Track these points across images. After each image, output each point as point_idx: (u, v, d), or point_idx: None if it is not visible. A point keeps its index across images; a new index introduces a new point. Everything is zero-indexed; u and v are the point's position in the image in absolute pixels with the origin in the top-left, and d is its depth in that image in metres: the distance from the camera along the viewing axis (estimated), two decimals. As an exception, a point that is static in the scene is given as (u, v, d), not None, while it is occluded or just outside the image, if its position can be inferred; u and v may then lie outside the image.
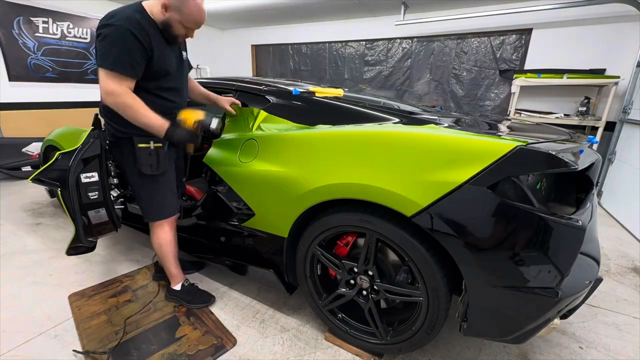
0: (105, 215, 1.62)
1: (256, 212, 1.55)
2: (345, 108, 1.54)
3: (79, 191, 1.52)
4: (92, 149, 1.54)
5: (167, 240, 1.68)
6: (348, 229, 1.33)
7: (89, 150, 1.53)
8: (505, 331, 1.12)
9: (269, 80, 2.01)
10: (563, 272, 0.99)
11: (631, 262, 2.37)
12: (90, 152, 1.53)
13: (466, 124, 1.59)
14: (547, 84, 3.79)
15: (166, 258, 1.71)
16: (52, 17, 4.14)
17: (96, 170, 1.55)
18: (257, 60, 6.66)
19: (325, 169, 1.30)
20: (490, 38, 4.45)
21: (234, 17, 5.57)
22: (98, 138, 1.55)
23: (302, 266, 1.51)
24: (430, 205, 1.06)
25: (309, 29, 5.74)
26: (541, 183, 1.22)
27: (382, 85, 5.39)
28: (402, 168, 1.13)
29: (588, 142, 1.39)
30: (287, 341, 1.55)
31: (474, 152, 1.04)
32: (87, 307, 1.74)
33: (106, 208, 1.61)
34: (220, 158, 1.67)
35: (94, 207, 1.58)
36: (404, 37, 4.99)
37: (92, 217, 1.59)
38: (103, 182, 1.58)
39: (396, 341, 1.34)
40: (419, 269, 1.18)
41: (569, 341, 1.59)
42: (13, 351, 1.46)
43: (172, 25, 1.38)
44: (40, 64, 4.15)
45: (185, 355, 1.44)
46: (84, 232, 1.58)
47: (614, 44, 3.70)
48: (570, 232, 0.99)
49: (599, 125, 3.65)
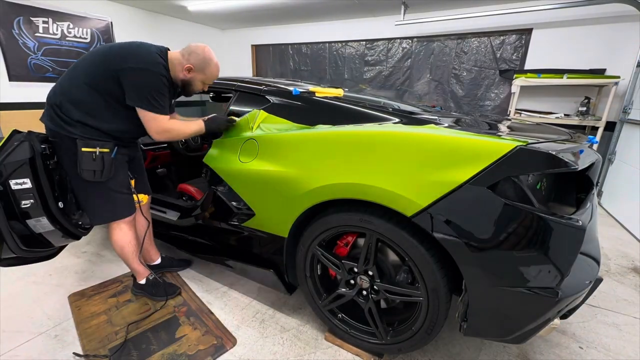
0: (49, 225, 1.46)
1: (256, 212, 1.55)
2: (346, 108, 1.54)
3: (9, 198, 1.37)
4: (18, 153, 1.37)
5: (126, 241, 1.67)
6: (348, 229, 1.33)
7: (15, 154, 1.37)
8: (505, 331, 1.12)
9: (269, 80, 2.01)
10: (563, 272, 0.99)
11: (631, 262, 2.37)
12: (16, 156, 1.36)
13: (466, 124, 1.59)
14: (547, 84, 3.79)
15: (128, 258, 1.72)
16: (52, 17, 4.14)
17: (27, 176, 1.38)
18: (257, 60, 6.66)
19: (325, 169, 1.30)
20: (490, 38, 4.45)
21: (234, 17, 5.57)
22: (25, 140, 1.40)
23: (302, 266, 1.51)
24: (430, 205, 1.06)
25: (309, 29, 5.74)
26: (541, 183, 1.22)
27: (382, 85, 5.39)
28: (402, 168, 1.13)
29: (588, 142, 1.38)
30: (287, 341, 1.55)
31: (474, 152, 1.04)
32: (87, 307, 1.74)
33: (49, 217, 1.45)
34: (220, 158, 1.67)
35: (34, 216, 1.43)
36: (404, 37, 4.99)
37: (34, 226, 1.45)
38: (40, 189, 1.42)
39: (396, 341, 1.34)
40: (419, 269, 1.18)
41: (569, 341, 1.59)
42: (13, 351, 1.46)
43: (193, 84, 1.56)
44: (41, 64, 4.14)
45: (185, 355, 1.44)
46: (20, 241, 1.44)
47: (614, 44, 3.70)
48: (570, 232, 0.99)
49: (599, 125, 3.65)
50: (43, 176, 1.42)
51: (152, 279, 1.83)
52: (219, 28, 6.54)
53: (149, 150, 2.55)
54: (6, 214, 1.39)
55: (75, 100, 1.43)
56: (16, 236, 1.43)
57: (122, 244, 1.67)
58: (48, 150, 1.46)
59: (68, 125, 1.42)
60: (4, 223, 1.39)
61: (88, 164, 1.42)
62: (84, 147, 1.40)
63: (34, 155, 1.39)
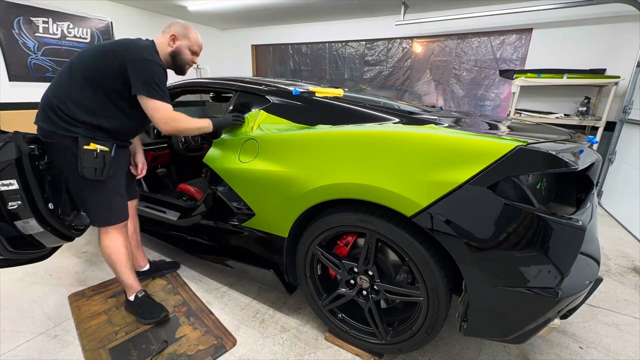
0: (38, 226, 1.45)
1: (256, 212, 1.55)
2: (346, 108, 1.54)
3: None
4: (3, 153, 1.35)
5: (115, 248, 1.60)
6: (348, 229, 1.33)
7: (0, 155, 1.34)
8: (505, 331, 1.12)
9: (269, 80, 2.01)
10: (563, 272, 0.99)
11: (631, 262, 2.37)
12: (1, 157, 1.34)
13: (466, 124, 1.59)
14: (547, 84, 3.79)
15: (116, 267, 1.63)
16: (52, 17, 4.14)
17: (14, 177, 1.36)
18: (257, 60, 6.66)
19: (325, 169, 1.30)
20: (490, 38, 4.45)
21: (234, 17, 5.57)
22: (11, 141, 1.38)
23: (302, 266, 1.51)
24: (430, 205, 1.06)
25: (309, 29, 5.74)
26: (541, 183, 1.22)
27: (382, 85, 5.39)
28: (402, 168, 1.13)
29: (588, 142, 1.39)
30: (287, 341, 1.55)
31: (474, 152, 1.04)
32: (87, 307, 1.74)
33: (38, 218, 1.44)
34: (220, 158, 1.67)
35: (21, 217, 1.42)
36: (404, 37, 4.99)
37: (22, 227, 1.43)
38: (28, 190, 1.40)
39: (396, 341, 1.34)
40: (419, 269, 1.18)
41: (569, 341, 1.59)
42: (13, 351, 1.46)
43: (182, 52, 1.56)
44: (41, 64, 4.14)
45: (185, 355, 1.44)
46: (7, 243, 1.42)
47: (614, 44, 3.70)
48: (570, 232, 0.99)
49: (599, 125, 3.65)
50: (31, 177, 1.40)
51: (140, 296, 1.69)
52: (219, 28, 6.54)
53: (149, 150, 2.55)
54: None
55: (78, 99, 1.43)
56: (2, 238, 1.41)
57: (111, 250, 1.59)
58: (37, 151, 1.44)
59: (70, 125, 1.42)
60: None
61: (89, 161, 1.42)
62: (85, 145, 1.41)
63: (20, 155, 1.37)
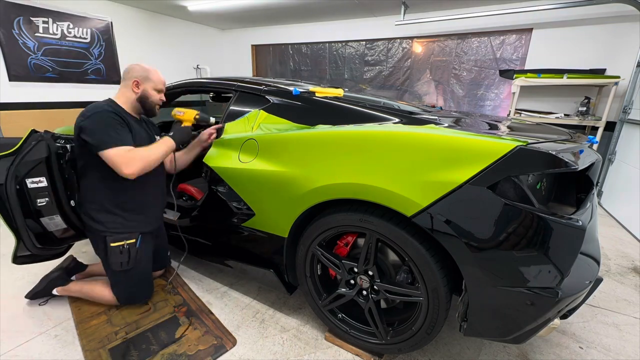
0: (62, 223, 1.54)
1: (256, 212, 1.55)
2: (346, 108, 1.54)
3: (26, 197, 1.42)
4: (35, 152, 1.41)
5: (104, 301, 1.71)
6: (348, 229, 1.33)
7: (32, 153, 1.40)
8: (505, 331, 1.12)
9: (269, 80, 2.01)
10: (563, 272, 0.99)
11: (631, 262, 2.37)
12: (33, 155, 1.39)
13: (466, 124, 1.59)
14: (547, 84, 3.79)
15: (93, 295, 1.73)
16: (52, 17, 4.14)
17: (44, 175, 1.43)
18: (257, 60, 6.66)
19: (325, 169, 1.30)
20: (490, 38, 4.45)
21: (233, 17, 5.57)
22: (42, 140, 1.45)
23: (302, 266, 1.51)
24: (430, 205, 1.06)
25: (309, 29, 5.74)
26: (541, 183, 1.22)
27: (382, 85, 5.39)
28: (402, 168, 1.13)
29: (588, 142, 1.38)
30: (287, 341, 1.55)
31: (474, 152, 1.04)
32: (87, 307, 1.74)
33: (62, 215, 1.53)
34: (220, 158, 1.67)
35: (47, 214, 1.48)
36: (404, 37, 4.99)
37: (47, 224, 1.50)
38: (55, 188, 1.48)
39: (396, 341, 1.34)
40: (419, 269, 1.18)
41: (569, 341, 1.59)
42: (13, 351, 1.46)
43: (149, 95, 1.57)
44: (41, 64, 4.14)
45: (185, 355, 1.44)
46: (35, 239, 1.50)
47: (614, 44, 3.70)
48: (570, 232, 0.99)
49: (599, 125, 3.65)
50: (57, 174, 1.49)
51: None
52: (219, 28, 6.53)
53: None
54: (22, 213, 1.43)
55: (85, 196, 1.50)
56: (32, 234, 1.48)
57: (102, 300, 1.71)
58: (61, 149, 1.53)
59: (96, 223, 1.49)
60: (21, 222, 1.44)
61: (116, 257, 1.51)
62: (112, 242, 1.49)
63: (49, 154, 1.45)
